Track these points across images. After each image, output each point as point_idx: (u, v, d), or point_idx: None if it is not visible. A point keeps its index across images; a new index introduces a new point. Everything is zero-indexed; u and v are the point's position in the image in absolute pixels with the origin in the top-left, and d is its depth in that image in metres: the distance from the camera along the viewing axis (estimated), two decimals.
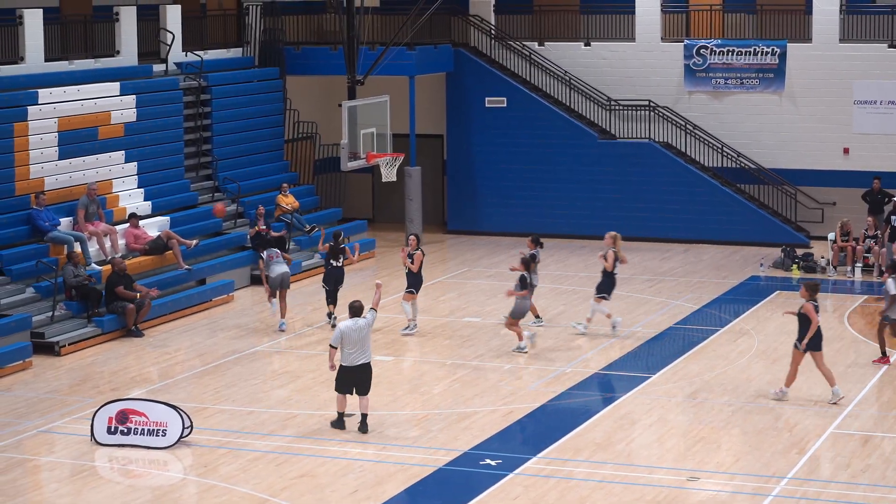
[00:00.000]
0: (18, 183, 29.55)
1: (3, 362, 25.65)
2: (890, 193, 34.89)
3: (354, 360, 21.32)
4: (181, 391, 24.43)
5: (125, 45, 33.68)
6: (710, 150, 38.11)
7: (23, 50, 30.89)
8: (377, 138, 34.39)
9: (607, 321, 27.78)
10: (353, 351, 21.29)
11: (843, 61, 37.25)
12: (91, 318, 28.00)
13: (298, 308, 30.45)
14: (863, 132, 37.21)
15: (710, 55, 38.15)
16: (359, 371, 21.41)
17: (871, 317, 29.62)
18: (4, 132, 29.33)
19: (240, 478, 19.90)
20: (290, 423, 22.45)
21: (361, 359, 21.36)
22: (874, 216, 34.36)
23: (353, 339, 21.27)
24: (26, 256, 28.55)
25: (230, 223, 34.18)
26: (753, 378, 24.79)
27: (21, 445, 21.65)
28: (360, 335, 21.27)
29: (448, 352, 26.96)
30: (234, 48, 37.68)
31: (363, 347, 21.35)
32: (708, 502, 18.84)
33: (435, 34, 39.00)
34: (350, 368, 21.38)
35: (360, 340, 21.30)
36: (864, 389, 24.00)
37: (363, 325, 21.34)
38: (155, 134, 33.32)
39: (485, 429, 22.01)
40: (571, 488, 19.37)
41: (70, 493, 19.54)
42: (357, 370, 21.39)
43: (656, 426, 22.27)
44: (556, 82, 39.26)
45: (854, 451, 20.86)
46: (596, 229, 38.11)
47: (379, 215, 41.12)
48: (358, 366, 21.36)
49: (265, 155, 37.04)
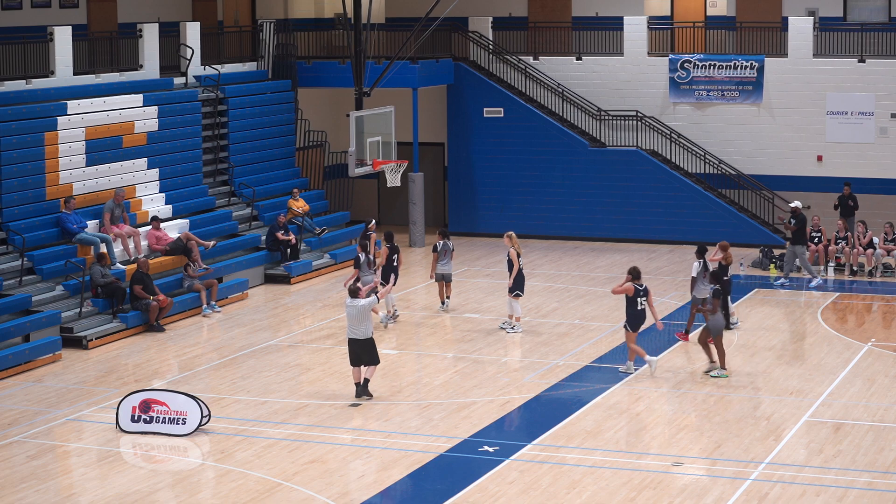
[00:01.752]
0: (49, 188, 29.57)
1: (35, 355, 25.69)
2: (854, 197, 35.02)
3: (353, 335, 22.70)
4: (200, 382, 24.45)
5: (148, 60, 33.69)
6: (694, 158, 38.10)
7: (53, 64, 30.90)
8: (383, 146, 34.36)
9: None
10: (352, 326, 22.68)
11: (816, 75, 37.25)
12: (116, 315, 28.03)
13: (308, 305, 30.46)
14: (835, 141, 37.20)
15: (693, 69, 38.15)
16: (357, 345, 22.71)
17: (843, 313, 29.66)
18: (36, 141, 29.36)
19: (254, 463, 19.91)
20: (301, 412, 22.47)
21: (359, 334, 22.63)
22: (844, 219, 34.36)
23: (351, 315, 22.64)
24: (56, 257, 28.56)
25: (245, 226, 34.18)
26: (733, 370, 24.77)
27: (52, 432, 21.68)
28: (355, 312, 22.54)
29: (449, 346, 26.96)
30: (250, 62, 37.67)
31: (360, 324, 22.59)
32: (691, 486, 18.86)
33: (437, 49, 39.00)
34: (351, 340, 22.75)
35: (357, 317, 22.57)
36: (836, 380, 24.01)
37: (359, 306, 22.55)
38: (175, 142, 33.33)
39: (483, 418, 22.02)
40: (564, 473, 19.38)
41: (97, 477, 19.57)
42: (355, 343, 22.71)
43: (643, 415, 22.28)
44: (549, 94, 39.25)
45: (827, 438, 20.87)
46: (587, 231, 38.26)
47: (384, 218, 41.11)
48: (356, 340, 22.66)
49: (278, 162, 37.03)
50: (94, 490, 19.02)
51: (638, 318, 24.13)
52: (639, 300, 24.08)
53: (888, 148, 36.77)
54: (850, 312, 29.84)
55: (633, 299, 24.08)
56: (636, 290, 24.09)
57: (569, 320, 28.51)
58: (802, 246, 32.43)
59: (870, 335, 27.44)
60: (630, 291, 24.07)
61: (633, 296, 24.07)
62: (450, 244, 29.20)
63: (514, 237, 27.67)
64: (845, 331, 27.56)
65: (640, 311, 24.10)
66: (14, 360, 25.20)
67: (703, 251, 26.67)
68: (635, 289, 24.09)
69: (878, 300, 31.02)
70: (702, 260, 26.57)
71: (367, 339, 22.70)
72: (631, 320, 24.16)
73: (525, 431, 21.62)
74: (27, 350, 25.58)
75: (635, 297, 24.08)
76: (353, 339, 22.74)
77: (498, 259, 35.00)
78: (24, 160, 29.07)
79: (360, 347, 22.71)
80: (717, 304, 23.99)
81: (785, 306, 30.37)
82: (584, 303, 28.90)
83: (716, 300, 24.08)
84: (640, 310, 24.09)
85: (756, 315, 29.36)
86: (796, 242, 32.41)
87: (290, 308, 30.17)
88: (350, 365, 23.05)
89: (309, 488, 18.85)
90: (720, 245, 27.11)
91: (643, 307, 24.10)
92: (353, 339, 22.72)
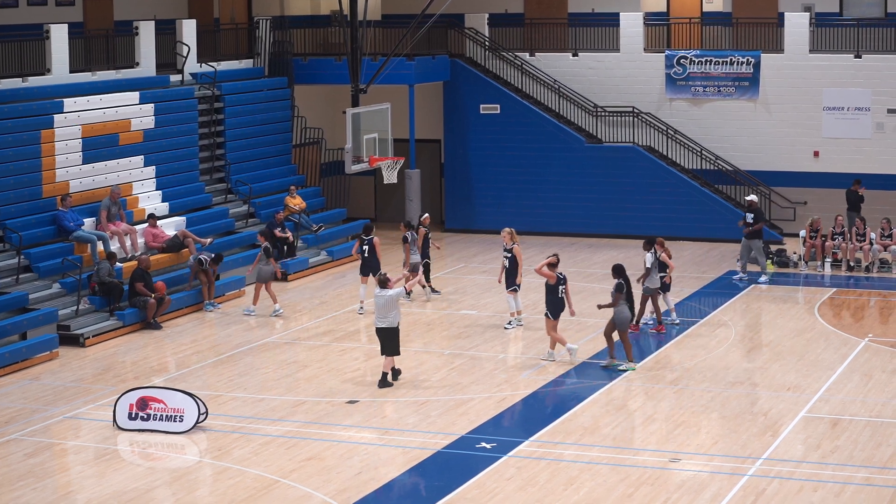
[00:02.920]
0: (45, 186, 29.56)
1: (32, 353, 25.67)
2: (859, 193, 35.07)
3: (379, 323, 23.39)
4: (197, 380, 24.43)
5: (144, 58, 33.66)
6: (690, 154, 38.09)
7: (49, 62, 30.88)
8: (379, 143, 34.36)
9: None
10: (378, 315, 23.38)
11: (813, 70, 37.25)
12: (113, 312, 28.01)
13: (305, 302, 30.45)
14: (832, 136, 37.21)
15: (689, 65, 38.13)
16: (381, 333, 23.42)
17: (840, 308, 29.67)
18: (32, 139, 29.34)
19: (252, 460, 19.91)
20: (298, 409, 22.46)
21: (385, 323, 23.30)
22: (853, 213, 34.48)
23: (379, 304, 23.34)
24: (53, 254, 28.54)
25: (242, 223, 34.17)
26: (731, 366, 24.80)
27: (49, 430, 21.66)
28: (383, 301, 23.20)
29: (446, 342, 26.96)
30: (246, 59, 37.65)
31: (385, 314, 23.22)
32: (689, 482, 18.85)
33: (433, 46, 38.98)
34: (377, 329, 23.50)
35: (384, 306, 23.24)
36: (833, 376, 24.01)
37: (387, 295, 23.22)
38: (172, 140, 33.32)
39: (480, 414, 22.02)
40: (561, 469, 19.38)
41: (94, 475, 19.55)
42: (380, 332, 23.43)
43: (640, 411, 22.28)
44: (546, 90, 39.23)
45: (824, 433, 20.87)
46: (583, 228, 38.26)
47: (381, 215, 41.10)
48: (380, 328, 23.38)
49: (274, 159, 37.00)
50: (91, 488, 19.00)
51: (558, 305, 24.74)
52: (559, 288, 24.70)
53: (885, 143, 36.77)
54: (847, 308, 29.84)
55: (555, 287, 24.72)
56: (558, 278, 24.66)
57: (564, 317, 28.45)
58: (759, 240, 32.46)
59: (867, 331, 27.45)
60: (552, 279, 24.65)
61: (555, 284, 24.68)
62: (414, 234, 30.12)
63: (514, 233, 27.76)
64: (842, 326, 27.57)
65: (559, 300, 24.75)
66: (11, 358, 25.18)
67: (653, 242, 27.15)
68: (557, 277, 24.66)
69: (875, 296, 31.02)
70: (654, 251, 26.94)
71: (392, 328, 23.33)
72: (551, 308, 24.75)
73: (522, 428, 21.62)
74: (24, 348, 25.56)
75: (556, 286, 24.69)
76: (378, 327, 23.42)
77: (494, 256, 34.97)
78: (20, 158, 29.07)
79: (384, 336, 23.37)
80: (619, 298, 24.39)
81: (782, 302, 30.38)
82: (580, 299, 28.86)
83: (618, 294, 24.47)
84: (559, 298, 24.73)
85: (753, 311, 29.37)
86: (752, 237, 32.41)
87: (286, 305, 30.13)
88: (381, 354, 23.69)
89: (306, 485, 18.84)
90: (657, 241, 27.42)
91: (562, 296, 24.70)
92: (379, 327, 23.41)
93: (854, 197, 35.18)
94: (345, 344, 26.81)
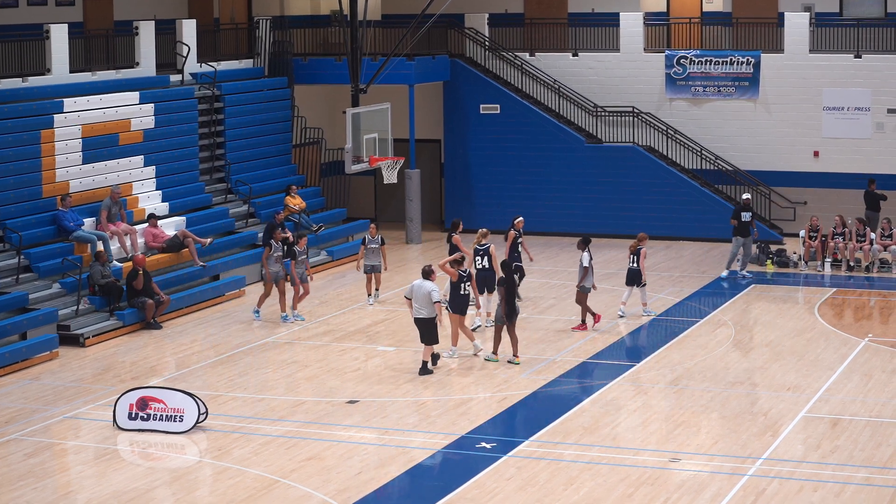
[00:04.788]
0: (45, 186, 29.55)
1: (32, 353, 25.66)
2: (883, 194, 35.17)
3: (417, 314, 24.24)
4: (197, 380, 24.43)
5: (144, 58, 33.65)
6: (690, 154, 38.10)
7: (49, 62, 30.88)
8: (379, 143, 34.37)
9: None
10: (416, 305, 24.20)
11: (813, 70, 37.26)
12: (113, 312, 28.00)
13: (306, 302, 30.43)
14: (832, 136, 37.22)
15: (689, 65, 38.14)
16: (418, 323, 24.29)
17: (840, 308, 29.67)
18: (32, 139, 29.35)
19: (252, 460, 19.90)
20: (298, 409, 22.46)
21: (422, 314, 24.15)
22: (873, 212, 34.55)
23: (417, 296, 24.15)
24: (53, 254, 28.54)
25: (242, 223, 34.18)
26: (731, 366, 24.81)
27: (49, 430, 21.66)
28: (420, 293, 24.04)
29: (446, 342, 26.92)
30: (246, 59, 37.64)
31: (421, 304, 24.07)
32: (689, 482, 18.85)
33: (433, 46, 38.98)
34: (415, 320, 24.34)
35: (420, 298, 24.05)
36: (833, 376, 24.01)
37: (424, 288, 24.03)
38: (172, 140, 33.31)
39: (480, 414, 22.02)
40: (561, 469, 19.38)
41: (94, 475, 19.55)
42: (417, 322, 24.31)
43: (640, 411, 22.28)
44: (545, 90, 39.24)
45: (824, 433, 20.88)
46: (583, 227, 38.10)
47: (381, 215, 41.09)
48: (418, 319, 24.25)
49: (275, 159, 37.00)
50: (91, 488, 19.00)
51: (462, 302, 25.21)
52: (462, 285, 25.21)
53: (884, 143, 36.78)
54: (847, 308, 29.84)
55: (457, 284, 25.22)
56: (460, 275, 25.19)
57: (566, 316, 28.49)
58: (749, 238, 32.52)
59: (867, 330, 27.46)
60: (454, 277, 25.17)
61: (458, 281, 25.20)
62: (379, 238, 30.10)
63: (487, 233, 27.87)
64: (842, 326, 27.56)
65: (464, 296, 25.23)
66: (11, 358, 25.18)
67: (588, 242, 27.65)
68: (459, 274, 25.19)
69: (875, 296, 31.03)
70: (588, 251, 27.46)
71: (429, 318, 24.14)
72: (454, 304, 25.22)
73: (522, 428, 21.63)
74: (24, 348, 25.55)
75: (459, 283, 25.21)
76: (416, 318, 24.26)
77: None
78: (20, 158, 29.07)
79: (422, 326, 24.21)
80: (503, 293, 24.78)
81: (782, 302, 30.38)
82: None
83: (501, 288, 24.88)
84: (463, 294, 25.20)
85: (753, 310, 29.37)
86: (744, 235, 32.47)
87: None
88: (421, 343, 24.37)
89: (306, 485, 18.84)
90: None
91: (467, 292, 25.25)
92: (416, 318, 24.24)
93: (872, 197, 35.21)
94: (345, 344, 26.81)
